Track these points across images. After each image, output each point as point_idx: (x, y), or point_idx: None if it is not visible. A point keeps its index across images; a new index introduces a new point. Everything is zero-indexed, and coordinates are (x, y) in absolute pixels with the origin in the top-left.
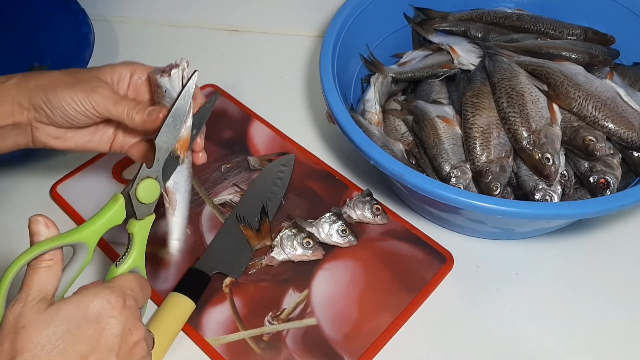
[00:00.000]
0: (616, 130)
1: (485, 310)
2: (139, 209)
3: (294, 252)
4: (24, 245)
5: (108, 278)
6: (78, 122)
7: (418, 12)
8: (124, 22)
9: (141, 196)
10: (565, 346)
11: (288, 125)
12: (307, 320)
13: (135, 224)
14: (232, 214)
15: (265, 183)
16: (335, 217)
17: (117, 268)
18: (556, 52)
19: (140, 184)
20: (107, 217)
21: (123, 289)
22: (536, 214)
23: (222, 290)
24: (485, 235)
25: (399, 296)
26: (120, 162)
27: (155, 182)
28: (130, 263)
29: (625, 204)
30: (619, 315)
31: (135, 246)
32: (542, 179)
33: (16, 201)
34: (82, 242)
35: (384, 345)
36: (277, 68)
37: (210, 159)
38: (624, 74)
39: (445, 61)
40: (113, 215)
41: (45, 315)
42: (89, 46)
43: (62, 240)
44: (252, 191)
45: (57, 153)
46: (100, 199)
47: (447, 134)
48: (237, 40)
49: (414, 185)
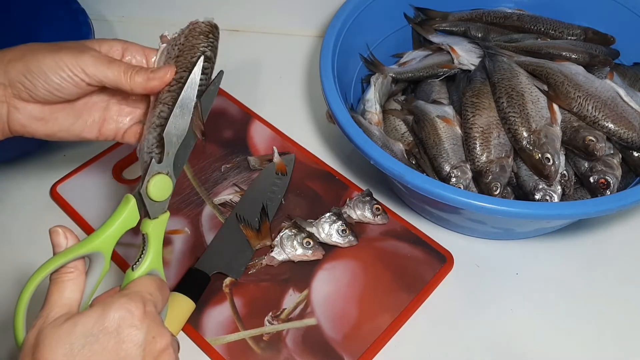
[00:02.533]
0: (616, 130)
1: (485, 310)
2: (152, 208)
3: (294, 252)
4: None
5: (125, 283)
6: (63, 93)
7: (418, 12)
8: (124, 22)
9: (153, 194)
10: (566, 346)
11: (288, 125)
12: (307, 320)
13: (149, 223)
14: (232, 214)
15: (265, 183)
16: (335, 217)
17: (134, 272)
18: (556, 52)
19: (151, 181)
20: (120, 221)
21: (142, 295)
22: (536, 214)
23: (222, 290)
24: (486, 235)
25: (399, 296)
26: (120, 162)
27: (167, 178)
28: (147, 265)
29: (625, 204)
30: (619, 315)
31: (150, 247)
32: (542, 179)
33: (16, 201)
34: (97, 252)
35: (384, 345)
36: (277, 68)
37: (210, 159)
38: (624, 74)
39: (445, 61)
40: (126, 219)
41: (61, 331)
42: None
43: (77, 251)
44: (252, 191)
45: (57, 153)
46: (100, 199)
47: (447, 134)
48: (237, 40)
49: (414, 185)
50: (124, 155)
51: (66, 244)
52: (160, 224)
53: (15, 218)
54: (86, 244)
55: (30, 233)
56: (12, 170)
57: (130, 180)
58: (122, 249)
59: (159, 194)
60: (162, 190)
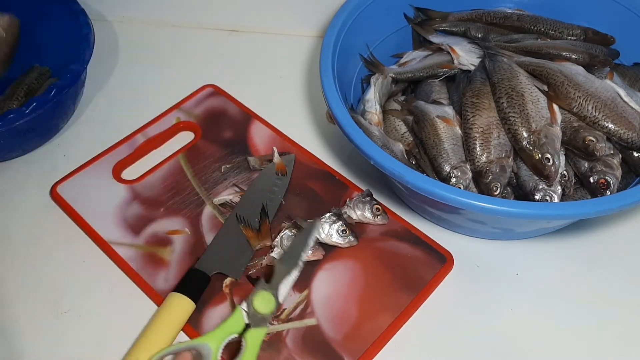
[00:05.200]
0: (616, 130)
1: (485, 310)
2: (254, 319)
3: None
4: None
5: None
6: None
7: (418, 12)
8: (124, 22)
9: (257, 306)
10: (565, 346)
11: (288, 125)
12: (307, 320)
13: (249, 332)
14: (232, 214)
15: (265, 183)
16: (335, 218)
17: None
18: (556, 53)
19: (257, 294)
20: (228, 324)
21: None
22: (536, 214)
23: (222, 290)
24: (486, 236)
25: (399, 296)
26: (120, 162)
27: (271, 295)
28: None
29: (625, 204)
30: (619, 315)
31: (246, 352)
32: (542, 179)
33: (16, 201)
34: (205, 344)
35: (384, 345)
36: (277, 68)
37: (210, 159)
38: (624, 74)
39: (445, 61)
40: (233, 322)
41: None
42: (89, 47)
43: (189, 343)
44: (252, 191)
45: (57, 153)
46: (100, 199)
47: (447, 134)
48: (237, 40)
49: (414, 185)
50: (124, 156)
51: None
52: (259, 334)
53: (15, 218)
54: (199, 339)
55: (30, 233)
56: (12, 170)
57: (130, 180)
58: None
59: (262, 307)
60: (265, 305)
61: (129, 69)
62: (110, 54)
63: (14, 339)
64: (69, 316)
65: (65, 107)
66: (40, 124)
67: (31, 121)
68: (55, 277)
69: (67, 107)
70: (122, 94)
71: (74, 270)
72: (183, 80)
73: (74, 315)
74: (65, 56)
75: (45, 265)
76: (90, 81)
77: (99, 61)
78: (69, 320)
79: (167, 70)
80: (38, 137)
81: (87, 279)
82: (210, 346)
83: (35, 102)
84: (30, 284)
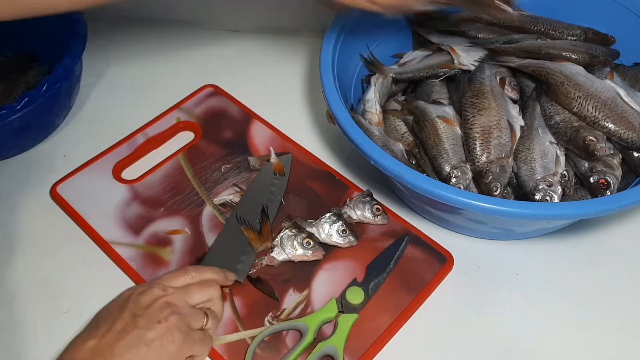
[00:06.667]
0: (616, 130)
1: (485, 310)
2: (346, 307)
3: (294, 253)
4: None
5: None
6: None
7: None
8: (123, 22)
9: (349, 297)
10: (565, 346)
11: (288, 125)
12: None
13: (342, 316)
14: (232, 215)
15: (263, 184)
16: (335, 218)
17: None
18: (556, 53)
19: (350, 289)
20: (324, 309)
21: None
22: (536, 214)
23: (222, 291)
24: (486, 236)
25: (399, 296)
26: (120, 162)
27: (361, 290)
28: (330, 340)
29: (625, 204)
30: (619, 315)
31: (338, 331)
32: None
33: (16, 201)
34: (304, 324)
35: (384, 345)
36: (277, 68)
37: (210, 159)
38: (624, 75)
39: (446, 61)
40: (328, 309)
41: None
42: (81, 42)
43: (291, 323)
44: (251, 192)
45: (57, 153)
46: (100, 199)
47: (448, 134)
48: (237, 40)
49: (414, 185)
50: (124, 155)
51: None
52: (349, 319)
53: (15, 218)
54: (297, 320)
55: (30, 233)
56: (12, 170)
57: (131, 180)
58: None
59: (352, 298)
60: (355, 297)
61: (129, 69)
62: (110, 53)
63: (14, 339)
64: (69, 316)
65: (60, 103)
66: (34, 120)
67: (25, 117)
68: (55, 277)
69: (61, 102)
70: (122, 93)
71: (74, 270)
72: (183, 80)
73: (74, 315)
74: (59, 52)
75: (45, 265)
76: (90, 80)
77: (98, 60)
78: (69, 320)
79: (167, 70)
80: (34, 133)
81: (87, 279)
82: (308, 325)
83: (27, 97)
84: (30, 284)
